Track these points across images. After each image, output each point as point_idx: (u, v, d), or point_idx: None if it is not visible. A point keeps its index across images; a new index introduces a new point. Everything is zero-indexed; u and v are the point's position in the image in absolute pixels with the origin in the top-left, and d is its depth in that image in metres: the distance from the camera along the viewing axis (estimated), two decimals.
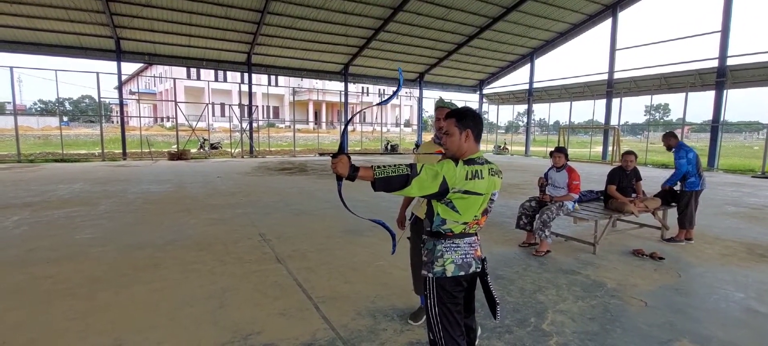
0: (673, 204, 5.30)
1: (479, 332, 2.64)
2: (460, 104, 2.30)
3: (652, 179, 11.77)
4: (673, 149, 5.13)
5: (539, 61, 23.25)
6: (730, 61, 15.15)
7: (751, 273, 4.01)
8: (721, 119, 15.39)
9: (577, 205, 4.84)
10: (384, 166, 1.60)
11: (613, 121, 19.59)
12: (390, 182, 1.60)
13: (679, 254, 4.63)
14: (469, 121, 1.80)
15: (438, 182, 1.64)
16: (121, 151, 17.10)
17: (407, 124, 49.48)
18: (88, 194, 7.97)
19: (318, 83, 43.62)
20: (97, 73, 16.22)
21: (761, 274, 4.00)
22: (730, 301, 3.37)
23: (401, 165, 1.62)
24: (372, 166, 1.61)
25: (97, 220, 5.79)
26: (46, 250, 4.39)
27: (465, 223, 1.78)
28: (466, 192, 1.71)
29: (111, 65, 17.27)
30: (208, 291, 3.35)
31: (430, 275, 1.80)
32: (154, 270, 3.82)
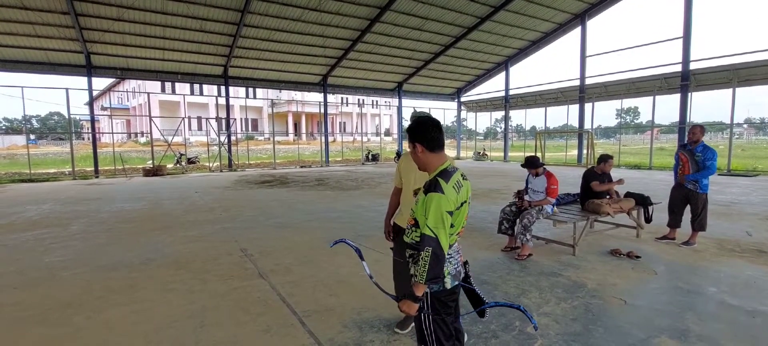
0: (651, 205, 5.42)
1: (466, 337, 2.65)
2: (438, 113, 2.29)
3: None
4: (699, 145, 4.90)
5: (514, 69, 23.87)
6: (692, 66, 15.90)
7: (722, 268, 4.18)
8: (687, 120, 16.07)
9: (555, 208, 4.95)
10: (419, 269, 1.64)
11: (587, 125, 20.21)
12: (434, 268, 1.63)
13: (654, 252, 4.79)
14: (416, 134, 1.81)
15: (448, 220, 1.67)
16: (92, 169, 16.48)
17: (387, 133, 49.71)
18: (58, 214, 7.65)
19: (297, 95, 43.39)
20: (67, 90, 15.61)
21: (731, 268, 4.17)
22: (704, 296, 3.49)
23: (425, 254, 1.63)
24: (413, 279, 1.69)
25: (67, 241, 5.55)
26: (12, 275, 4.17)
27: (457, 233, 1.81)
28: (461, 205, 1.75)
29: (81, 81, 16.68)
30: (188, 311, 3.25)
31: (428, 289, 1.79)
32: (131, 292, 3.68)
